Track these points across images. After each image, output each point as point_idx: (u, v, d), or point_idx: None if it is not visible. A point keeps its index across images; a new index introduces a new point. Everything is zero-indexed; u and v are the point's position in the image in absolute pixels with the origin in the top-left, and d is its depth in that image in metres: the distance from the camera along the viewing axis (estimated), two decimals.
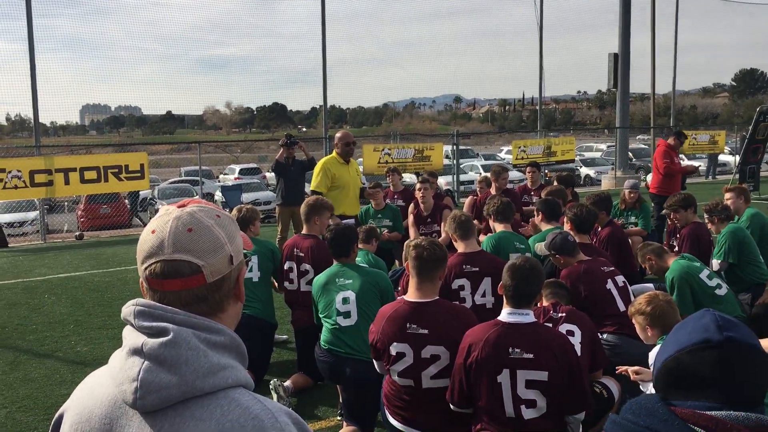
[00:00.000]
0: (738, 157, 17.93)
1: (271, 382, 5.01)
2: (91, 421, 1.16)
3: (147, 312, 1.14)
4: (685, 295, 4.84)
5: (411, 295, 3.63)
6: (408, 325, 3.52)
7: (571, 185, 8.06)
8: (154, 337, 1.11)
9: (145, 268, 1.18)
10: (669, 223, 6.98)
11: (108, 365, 1.19)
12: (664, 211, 6.90)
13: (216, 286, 1.19)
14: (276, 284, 5.78)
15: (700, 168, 11.75)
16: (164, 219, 1.19)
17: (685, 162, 11.34)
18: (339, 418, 4.68)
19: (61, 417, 1.26)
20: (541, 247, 5.14)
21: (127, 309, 1.16)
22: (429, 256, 3.55)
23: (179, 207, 1.22)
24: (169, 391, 1.07)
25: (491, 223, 5.90)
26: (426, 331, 3.49)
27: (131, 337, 1.14)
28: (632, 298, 4.84)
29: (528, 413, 3.16)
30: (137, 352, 1.11)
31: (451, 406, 3.38)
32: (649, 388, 3.43)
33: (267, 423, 1.08)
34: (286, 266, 5.49)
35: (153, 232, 1.18)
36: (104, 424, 1.14)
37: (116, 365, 1.14)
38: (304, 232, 5.60)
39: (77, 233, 14.90)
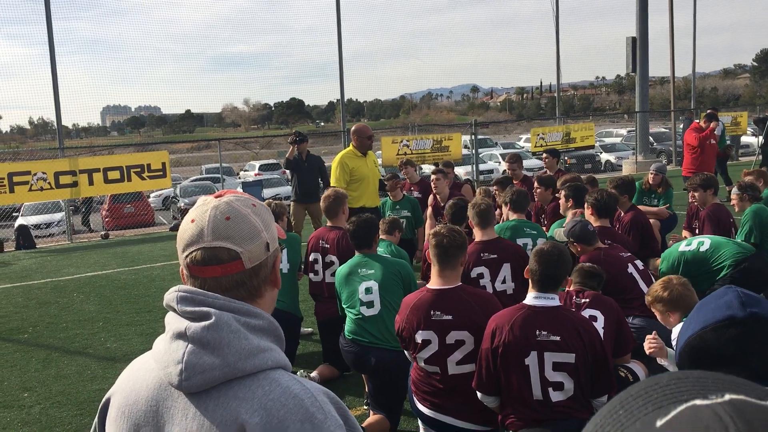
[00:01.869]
0: (761, 138, 17.68)
1: (297, 373, 5.09)
2: (138, 403, 1.22)
3: (189, 297, 1.18)
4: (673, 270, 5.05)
5: (434, 283, 3.68)
6: (432, 312, 3.56)
7: (551, 186, 7.46)
8: (196, 322, 1.15)
9: (186, 256, 1.23)
10: (690, 205, 6.94)
11: (152, 350, 1.24)
12: (684, 189, 6.90)
13: (254, 272, 1.23)
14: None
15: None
16: (203, 209, 1.24)
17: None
18: (366, 407, 4.74)
19: (108, 401, 1.32)
20: (559, 233, 5.16)
21: (170, 295, 1.21)
22: (449, 243, 3.59)
23: (216, 197, 1.26)
24: (213, 372, 1.12)
25: (505, 211, 5.93)
26: (450, 317, 3.54)
27: (174, 322, 1.19)
28: (654, 280, 4.84)
29: (555, 396, 3.19)
30: (181, 335, 1.16)
31: (478, 395, 3.41)
32: (673, 368, 3.42)
33: (307, 402, 1.12)
34: (311, 257, 5.57)
35: (192, 221, 1.23)
36: (151, 406, 1.20)
37: (161, 349, 1.19)
38: (329, 224, 5.67)
39: (102, 233, 15.12)
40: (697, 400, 0.46)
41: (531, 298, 3.33)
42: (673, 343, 3.55)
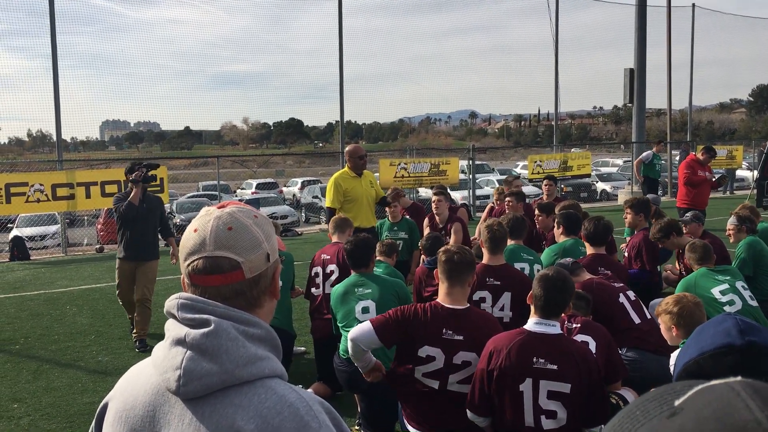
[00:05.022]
0: (756, 173, 17.83)
1: None
2: (136, 408, 1.23)
3: (189, 305, 1.20)
4: None
5: (443, 300, 3.63)
6: (444, 330, 3.53)
7: (552, 213, 7.21)
8: (196, 328, 1.17)
9: (188, 265, 1.25)
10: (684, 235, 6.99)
11: (151, 356, 1.26)
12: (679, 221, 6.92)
13: (254, 282, 1.25)
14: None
15: (721, 178, 11.72)
16: (206, 219, 1.26)
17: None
18: (357, 427, 4.72)
19: (105, 406, 1.33)
20: None
21: (171, 302, 1.23)
22: (460, 260, 3.57)
23: (219, 208, 1.29)
24: (211, 378, 1.14)
25: None
26: (461, 338, 3.51)
27: (174, 328, 1.21)
28: (647, 312, 4.84)
29: (547, 424, 3.17)
30: (180, 342, 1.17)
31: (468, 414, 3.39)
32: None
33: (302, 411, 1.14)
34: (312, 272, 5.68)
35: (195, 230, 1.25)
36: (148, 411, 1.21)
37: (160, 355, 1.21)
38: (334, 240, 5.83)
39: (97, 246, 15.09)
40: (711, 382, 0.52)
41: (532, 323, 3.31)
42: (672, 369, 3.56)
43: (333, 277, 5.37)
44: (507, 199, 8.03)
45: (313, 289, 5.67)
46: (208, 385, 1.14)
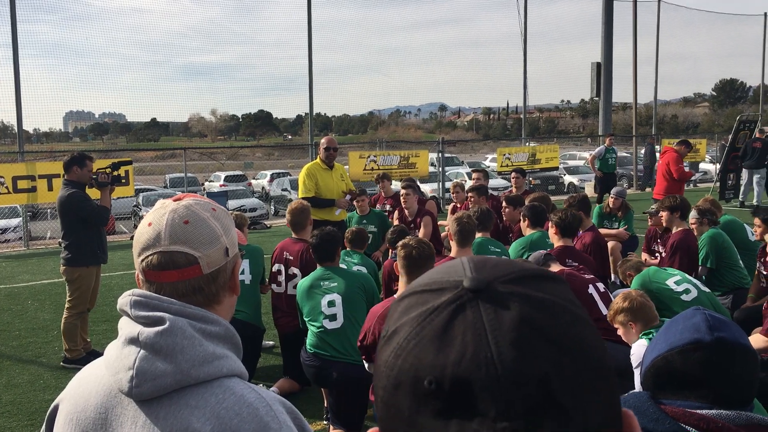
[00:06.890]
0: (718, 166, 18.19)
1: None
2: (87, 410, 1.18)
3: (143, 302, 1.15)
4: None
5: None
6: None
7: (519, 205, 7.18)
8: (150, 327, 1.12)
9: (142, 260, 1.20)
10: (649, 227, 7.09)
11: (104, 356, 1.20)
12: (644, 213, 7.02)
13: (212, 277, 1.21)
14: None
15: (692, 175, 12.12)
16: (161, 212, 1.21)
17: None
18: (325, 422, 4.69)
19: (56, 408, 1.27)
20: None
21: (124, 299, 1.18)
22: (418, 254, 3.59)
23: (175, 200, 1.24)
24: (165, 379, 1.09)
25: None
26: None
27: (127, 327, 1.15)
28: None
29: None
30: (133, 341, 1.12)
31: None
32: (637, 386, 3.46)
33: (262, 411, 1.10)
34: (274, 268, 5.55)
35: (150, 224, 1.20)
36: (100, 413, 1.16)
37: (112, 355, 1.16)
38: (294, 236, 5.65)
39: (60, 240, 14.77)
40: None
41: None
42: (632, 358, 3.59)
43: (296, 280, 5.30)
44: (469, 194, 8.07)
45: (274, 286, 5.57)
46: (163, 386, 1.09)
